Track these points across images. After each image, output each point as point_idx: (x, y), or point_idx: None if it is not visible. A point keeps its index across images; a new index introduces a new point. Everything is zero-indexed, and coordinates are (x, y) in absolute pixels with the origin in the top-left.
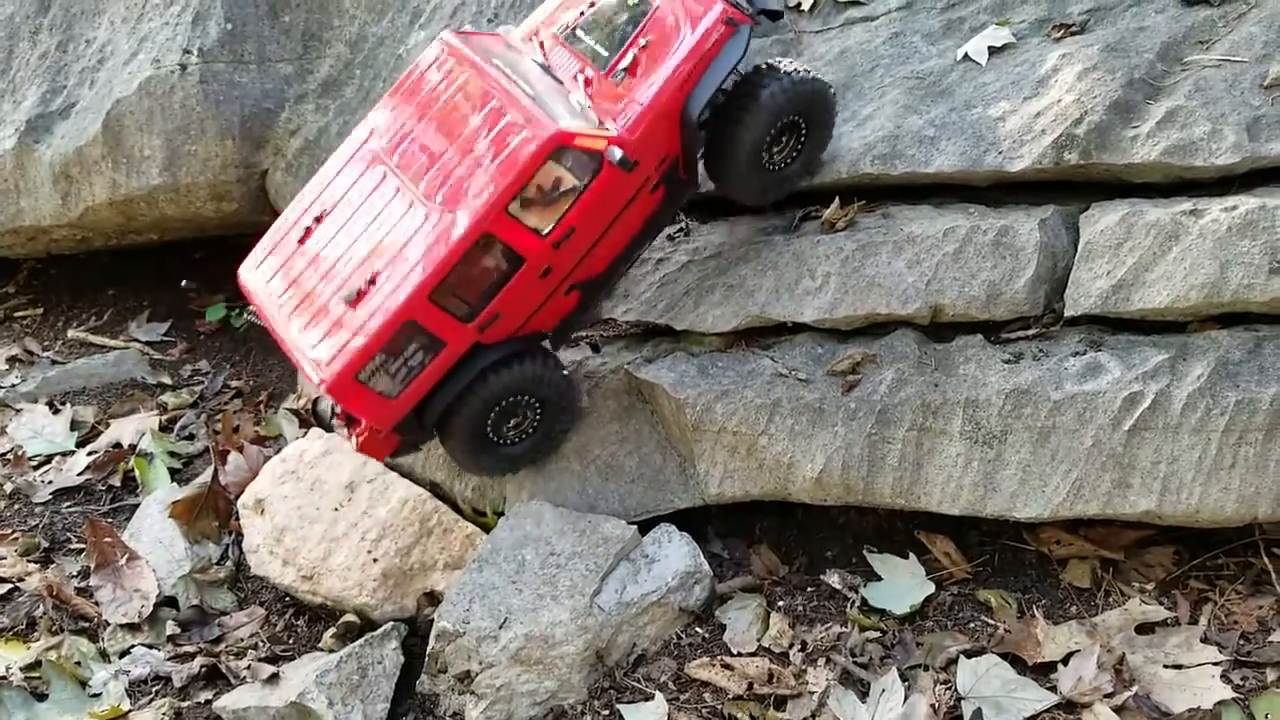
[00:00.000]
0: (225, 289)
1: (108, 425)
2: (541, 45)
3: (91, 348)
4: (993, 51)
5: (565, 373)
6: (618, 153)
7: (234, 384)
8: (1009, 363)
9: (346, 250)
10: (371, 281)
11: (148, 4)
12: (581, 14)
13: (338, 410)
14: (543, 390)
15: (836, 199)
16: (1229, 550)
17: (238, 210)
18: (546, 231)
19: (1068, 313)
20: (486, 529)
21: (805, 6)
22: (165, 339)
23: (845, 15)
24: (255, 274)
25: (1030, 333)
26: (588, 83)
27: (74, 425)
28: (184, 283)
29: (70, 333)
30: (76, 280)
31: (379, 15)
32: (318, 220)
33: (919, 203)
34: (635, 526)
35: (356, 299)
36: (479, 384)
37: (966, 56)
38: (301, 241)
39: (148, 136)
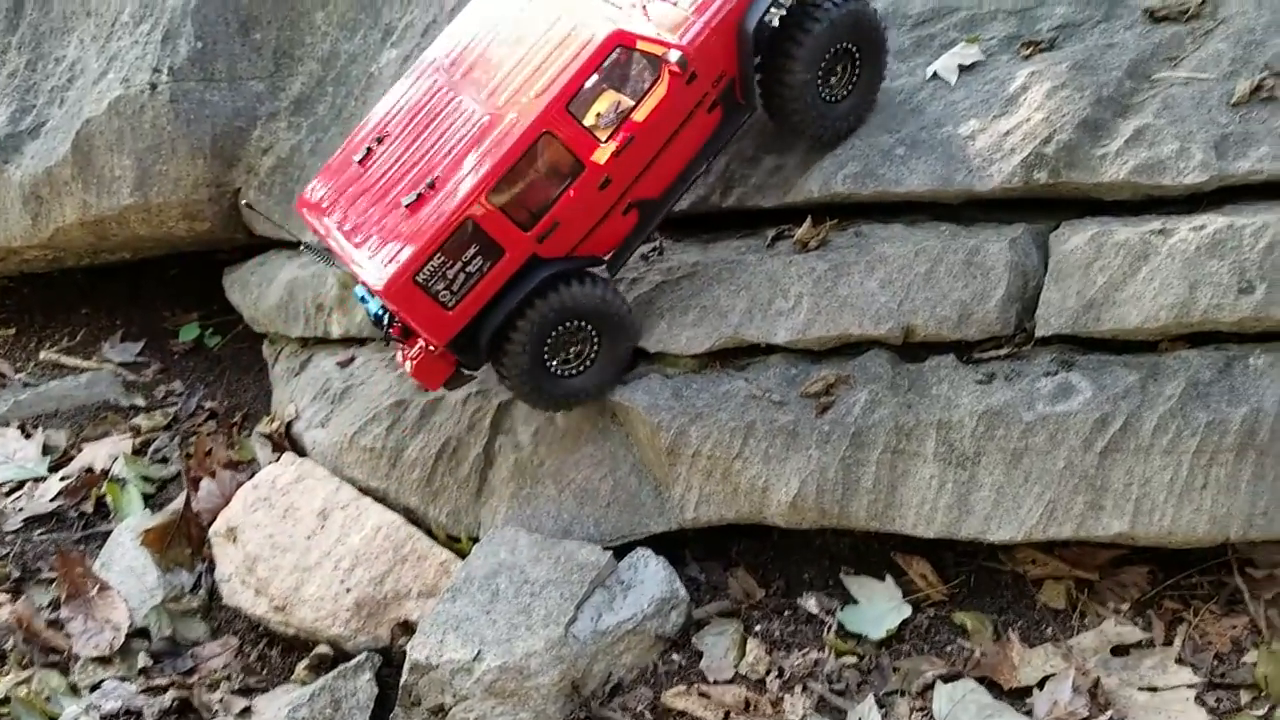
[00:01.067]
0: (200, 307)
1: (80, 449)
2: None
3: (64, 369)
4: (962, 69)
5: (624, 299)
6: (676, 54)
7: (208, 404)
8: (981, 383)
9: (410, 163)
10: (432, 186)
11: (117, 22)
12: None
13: (394, 323)
14: (601, 314)
15: (809, 218)
16: (1203, 569)
17: (210, 229)
18: (607, 136)
19: (1039, 332)
20: (461, 555)
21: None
22: (139, 359)
23: None
24: (314, 200)
25: (1002, 352)
26: (645, 11)
27: (46, 450)
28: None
29: (42, 354)
30: (49, 299)
31: (351, 32)
32: (379, 141)
33: (891, 221)
34: (610, 552)
35: (417, 203)
36: (537, 300)
37: (936, 74)
38: (363, 163)
39: (118, 156)
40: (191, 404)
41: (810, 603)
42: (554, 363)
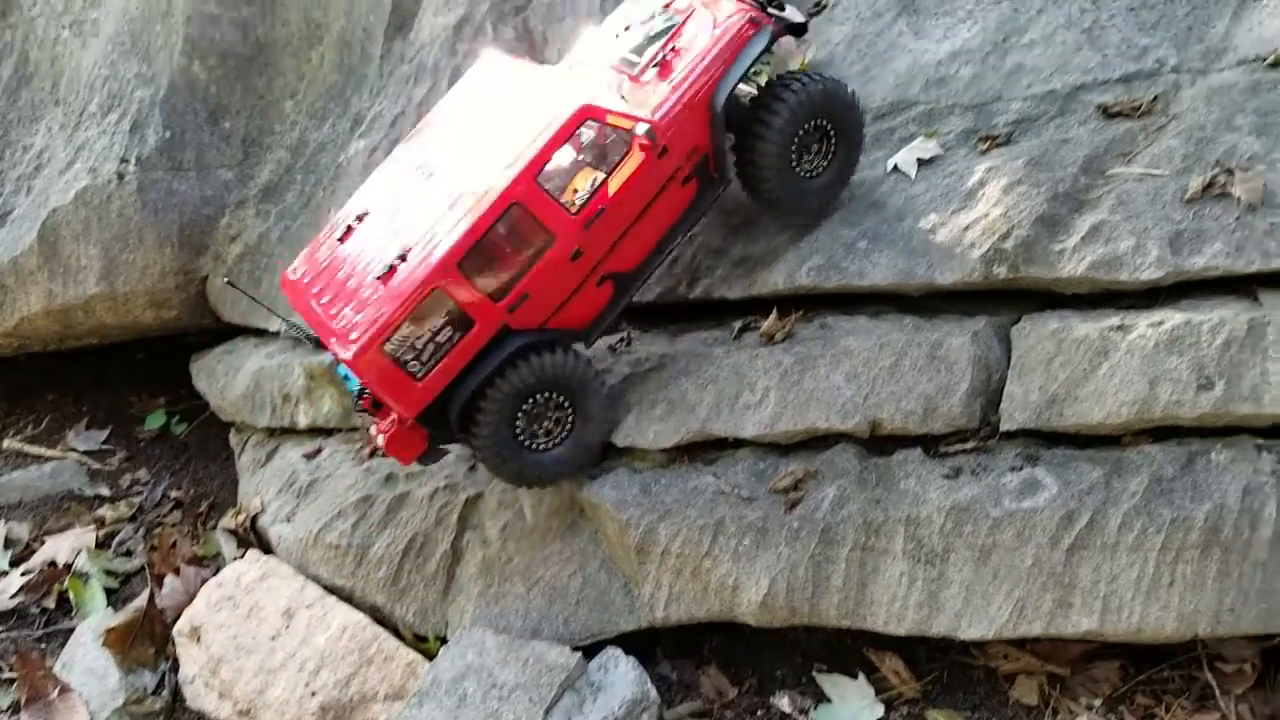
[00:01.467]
0: (167, 392)
1: (43, 542)
2: (584, 69)
3: (28, 458)
4: (921, 163)
5: (598, 373)
6: (643, 127)
7: (174, 494)
8: (948, 478)
9: (386, 237)
10: (403, 257)
11: (85, 112)
12: (618, 36)
13: (364, 395)
14: (574, 386)
15: (775, 310)
16: (1174, 664)
17: (178, 316)
18: (578, 209)
19: (1004, 426)
20: (428, 655)
21: None
22: (104, 447)
23: None
24: (295, 277)
25: (968, 446)
26: (620, 89)
27: (8, 543)
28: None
29: (6, 443)
30: (14, 385)
31: (320, 121)
32: (359, 219)
33: (855, 312)
34: (580, 653)
35: (388, 273)
36: (507, 371)
37: (896, 168)
38: (343, 239)
39: (85, 246)
40: (157, 493)
41: (784, 702)
42: (527, 436)
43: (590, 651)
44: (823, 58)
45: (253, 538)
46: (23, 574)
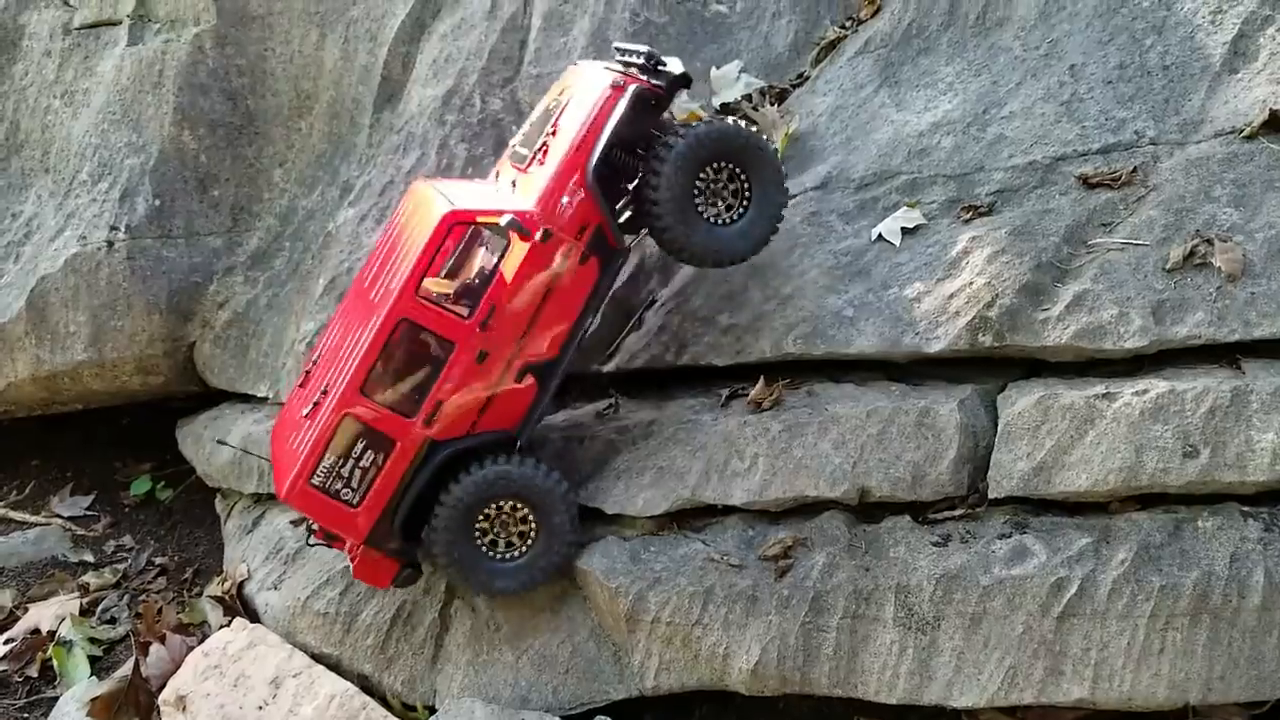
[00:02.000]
0: (153, 457)
1: (26, 609)
2: (498, 174)
3: (12, 524)
4: (905, 232)
5: (547, 471)
6: (507, 216)
7: (159, 560)
8: (938, 545)
9: (320, 378)
10: (325, 393)
11: (75, 180)
12: (522, 131)
13: (314, 528)
14: (526, 491)
15: (762, 378)
16: None
17: (165, 383)
18: (468, 314)
19: (992, 494)
20: None
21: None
22: (89, 513)
23: None
24: (274, 435)
25: (957, 513)
26: (513, 185)
27: None
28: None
29: None
30: None
31: (309, 189)
32: (315, 363)
33: (842, 380)
34: None
35: (313, 411)
36: (450, 486)
37: (881, 237)
38: (302, 385)
39: (73, 312)
40: (142, 560)
41: None
42: (487, 547)
43: None
44: (806, 128)
45: (239, 605)
46: (5, 642)
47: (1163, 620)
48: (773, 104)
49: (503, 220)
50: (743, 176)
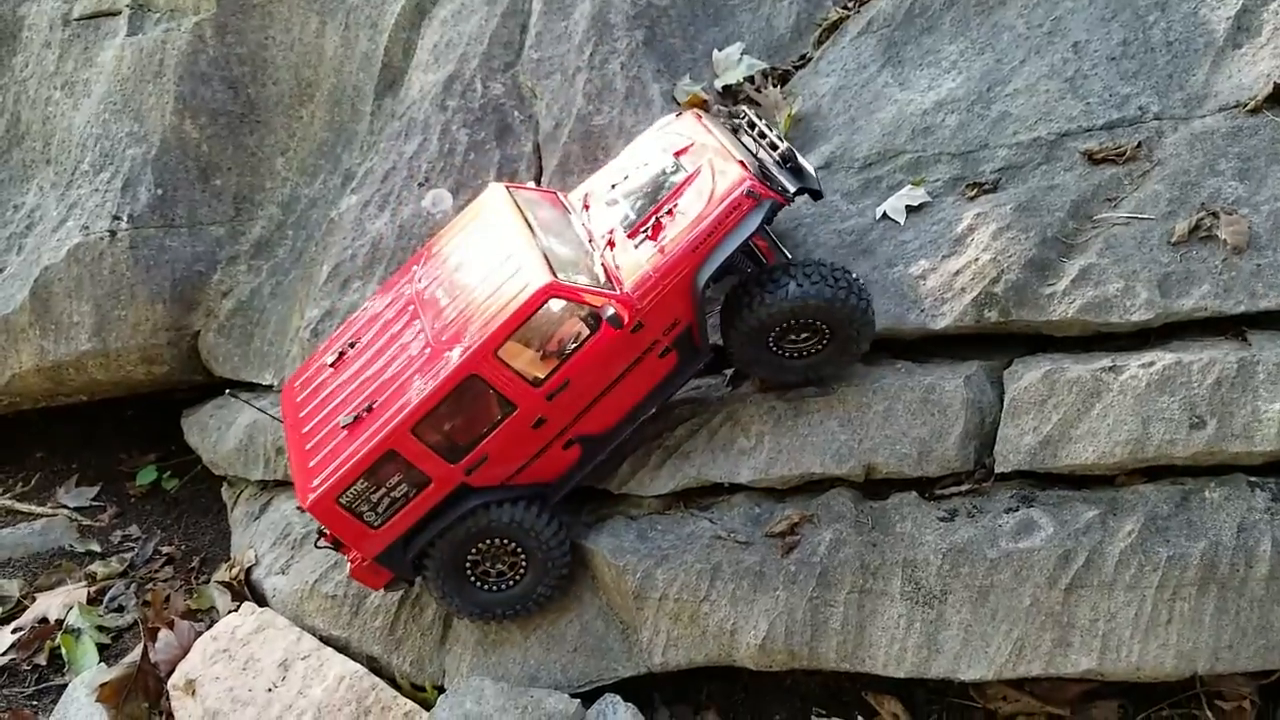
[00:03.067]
0: (157, 448)
1: (34, 599)
2: (587, 205)
3: (18, 515)
4: (910, 210)
5: (558, 530)
6: (610, 310)
7: (165, 549)
8: (944, 520)
9: (363, 379)
10: (369, 409)
11: (77, 170)
12: (626, 178)
13: (325, 532)
14: (526, 540)
15: None
16: (1173, 702)
17: (169, 372)
18: (541, 380)
19: (998, 469)
20: (426, 705)
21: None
22: (95, 503)
23: None
24: (292, 393)
25: (963, 488)
26: (610, 244)
27: None
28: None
29: None
30: (4, 442)
31: (311, 177)
32: (352, 346)
33: None
34: (578, 699)
35: (354, 425)
36: (462, 521)
37: (885, 215)
38: (334, 365)
39: (76, 303)
40: (148, 549)
41: None
42: (477, 579)
43: (588, 698)
44: (809, 109)
45: (247, 590)
46: (14, 631)
47: (1170, 590)
48: (775, 85)
49: (605, 314)
50: (829, 335)
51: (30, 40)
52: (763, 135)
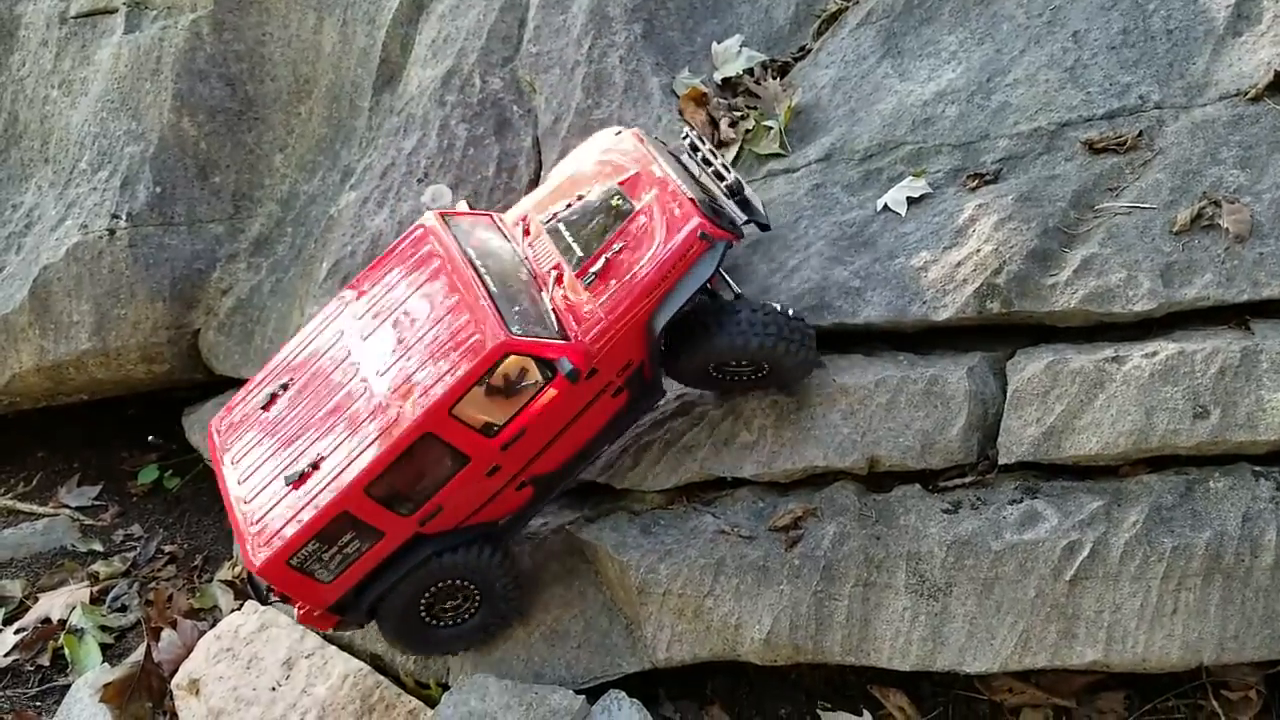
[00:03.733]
0: (157, 447)
1: (36, 599)
2: (527, 230)
3: (20, 515)
4: (911, 202)
5: (509, 567)
6: (568, 365)
7: (167, 548)
8: (948, 512)
9: (301, 427)
10: (315, 465)
11: (75, 169)
12: (569, 205)
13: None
14: (480, 579)
15: None
16: (1179, 693)
17: (169, 371)
18: (495, 431)
19: (1002, 460)
20: (430, 702)
21: (728, 159)
22: (96, 503)
23: (767, 167)
24: (221, 431)
25: (967, 480)
26: (559, 280)
27: (1, 601)
28: (150, 438)
29: None
30: (5, 442)
31: (310, 174)
32: (284, 388)
33: (849, 351)
34: (583, 696)
35: (299, 481)
36: (417, 569)
37: (886, 207)
38: (265, 408)
39: (76, 302)
40: (151, 548)
41: None
42: (430, 617)
43: (593, 694)
44: (809, 101)
45: (250, 589)
46: (16, 632)
47: (1175, 581)
48: (775, 78)
49: (563, 369)
50: (767, 368)
51: (27, 39)
52: (707, 162)
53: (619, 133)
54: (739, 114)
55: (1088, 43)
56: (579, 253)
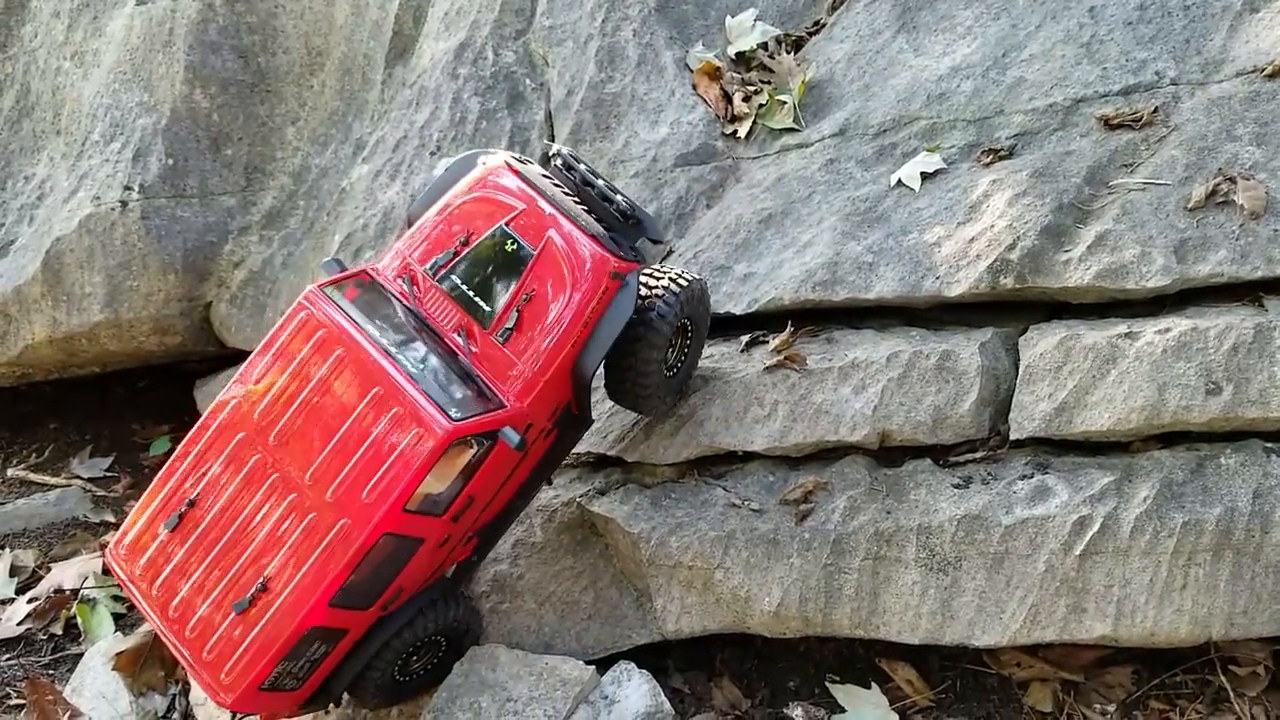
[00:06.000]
0: (169, 419)
1: (49, 569)
2: (416, 285)
3: (32, 486)
4: (925, 177)
5: (466, 605)
6: (515, 437)
7: None
8: (959, 487)
9: (228, 547)
10: (264, 589)
11: (87, 140)
12: (456, 254)
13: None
14: (449, 633)
15: (790, 325)
16: (1187, 668)
17: (182, 342)
18: (444, 508)
19: (1013, 435)
20: None
21: (741, 134)
22: (108, 474)
23: (780, 142)
24: (126, 558)
25: (978, 455)
26: (470, 338)
27: (13, 570)
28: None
29: (10, 471)
30: (16, 414)
31: (322, 147)
32: (191, 505)
33: (862, 326)
34: (594, 666)
35: (249, 608)
36: (385, 648)
37: (900, 182)
38: (174, 531)
39: (88, 274)
40: None
41: (797, 712)
42: (404, 677)
43: (603, 665)
44: (823, 76)
45: None
46: (29, 601)
47: (1185, 556)
48: (789, 52)
49: (510, 441)
50: (691, 329)
51: (39, 9)
52: (589, 183)
53: (486, 163)
54: (753, 88)
55: (1104, 18)
56: (485, 307)
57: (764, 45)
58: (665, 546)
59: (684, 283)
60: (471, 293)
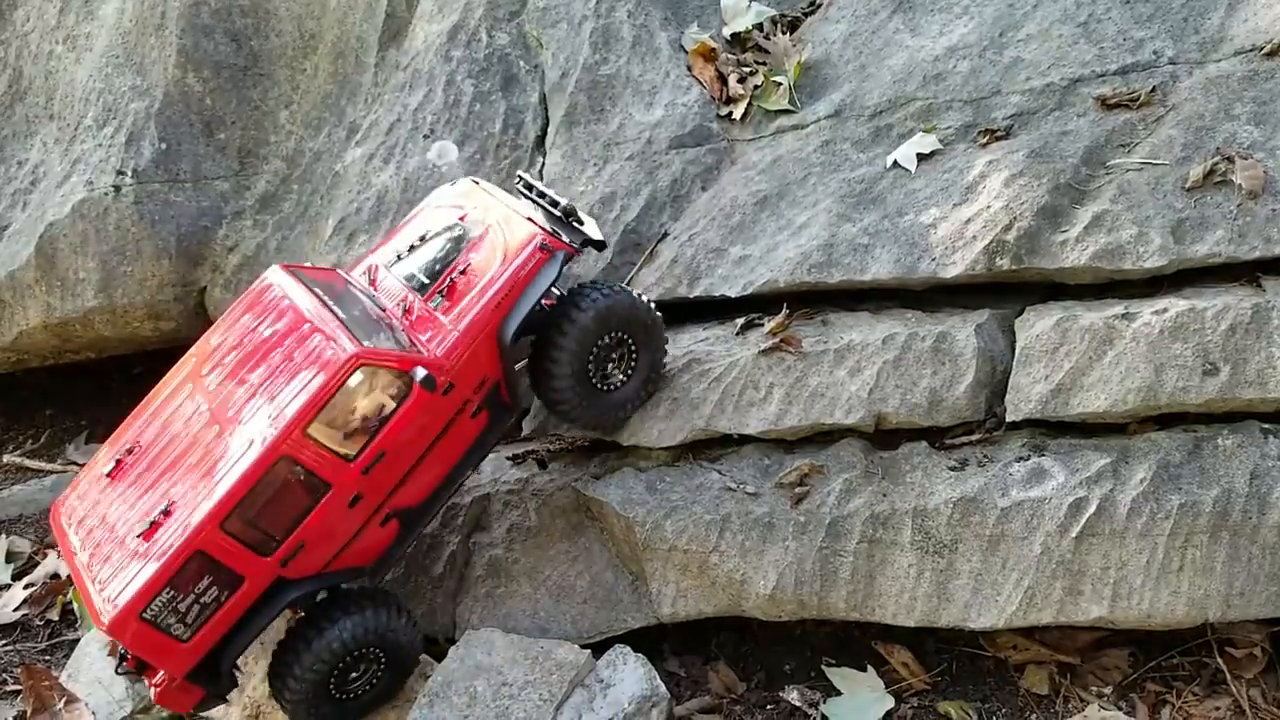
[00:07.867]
0: None
1: (45, 555)
2: (374, 275)
3: (28, 472)
4: (921, 158)
5: (408, 618)
6: (421, 372)
7: None
8: (954, 470)
9: (152, 482)
10: (167, 512)
11: (80, 125)
12: (412, 246)
13: (126, 656)
14: (386, 643)
15: (785, 307)
16: (1184, 650)
17: (176, 328)
18: (354, 456)
19: (1009, 417)
20: (437, 657)
21: (737, 116)
22: None
23: (776, 124)
24: (64, 510)
25: (974, 438)
26: (408, 310)
27: (9, 556)
28: None
29: (6, 458)
30: (12, 400)
31: (315, 130)
32: (129, 453)
33: (857, 308)
34: (589, 650)
35: (150, 530)
36: (323, 637)
37: (896, 163)
38: (111, 476)
39: (82, 259)
40: None
41: (793, 695)
42: (339, 691)
43: (598, 649)
44: (819, 56)
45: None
46: (25, 587)
47: (1182, 538)
48: (784, 33)
49: (417, 376)
50: (633, 347)
51: None
52: (542, 195)
53: (455, 183)
54: (748, 70)
55: None
56: (425, 280)
57: (759, 26)
58: (660, 530)
59: (612, 290)
60: (416, 270)
